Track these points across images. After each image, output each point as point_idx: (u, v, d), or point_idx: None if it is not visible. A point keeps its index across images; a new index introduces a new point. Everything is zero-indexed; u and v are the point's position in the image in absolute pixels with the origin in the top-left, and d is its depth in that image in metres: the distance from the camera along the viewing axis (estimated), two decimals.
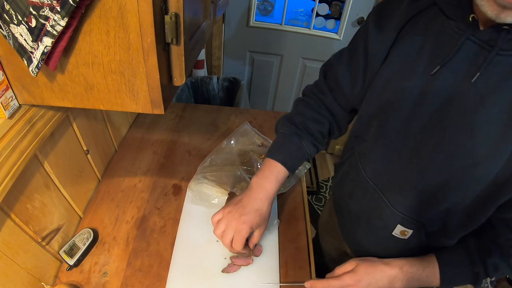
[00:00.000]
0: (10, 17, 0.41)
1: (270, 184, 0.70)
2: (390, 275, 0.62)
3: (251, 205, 0.68)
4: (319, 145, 0.76)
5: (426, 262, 0.63)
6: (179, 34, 0.49)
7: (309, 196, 2.15)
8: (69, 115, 0.75)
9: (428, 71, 0.51)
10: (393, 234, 0.66)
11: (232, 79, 1.81)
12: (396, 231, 0.65)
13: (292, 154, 0.73)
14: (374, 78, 0.61)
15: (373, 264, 0.65)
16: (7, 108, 0.53)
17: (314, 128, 0.74)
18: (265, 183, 0.70)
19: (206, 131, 1.17)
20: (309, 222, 0.90)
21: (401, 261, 0.64)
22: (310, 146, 0.74)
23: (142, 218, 0.85)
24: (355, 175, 0.71)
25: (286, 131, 0.75)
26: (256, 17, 1.97)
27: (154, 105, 0.53)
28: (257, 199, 0.69)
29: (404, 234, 0.65)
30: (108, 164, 1.00)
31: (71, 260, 0.72)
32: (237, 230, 0.66)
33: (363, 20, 1.82)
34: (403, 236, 0.65)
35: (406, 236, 0.65)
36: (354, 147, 0.72)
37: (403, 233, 0.65)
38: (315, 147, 0.75)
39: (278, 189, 0.71)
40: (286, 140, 0.74)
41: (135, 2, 0.42)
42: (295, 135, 0.74)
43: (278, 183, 0.71)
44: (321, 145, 0.77)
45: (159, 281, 0.72)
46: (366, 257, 0.67)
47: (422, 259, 0.64)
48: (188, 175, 0.98)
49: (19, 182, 0.60)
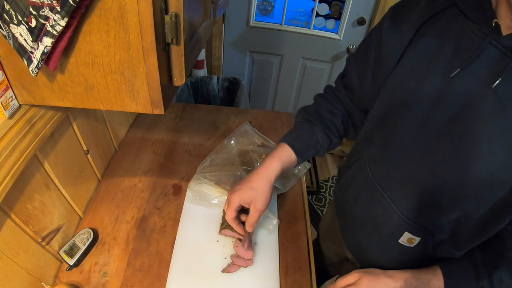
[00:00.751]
0: (10, 17, 0.41)
1: (272, 161, 0.70)
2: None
3: (246, 179, 0.71)
4: (332, 135, 0.75)
5: (431, 275, 0.61)
6: (179, 34, 0.49)
7: (309, 196, 2.15)
8: (69, 115, 0.75)
9: (446, 73, 0.49)
10: (399, 241, 0.63)
11: (232, 79, 1.80)
12: (403, 239, 0.63)
13: (301, 139, 0.73)
14: (387, 78, 0.59)
15: (377, 277, 0.63)
16: (7, 108, 0.53)
17: (327, 117, 0.74)
18: (267, 160, 0.71)
19: (206, 131, 1.17)
20: (309, 222, 0.90)
21: (405, 274, 0.62)
22: (321, 134, 0.74)
23: (142, 218, 0.85)
24: (362, 179, 0.69)
25: (300, 119, 0.77)
26: (256, 17, 1.97)
27: (154, 105, 0.53)
28: (253, 174, 0.71)
29: (411, 242, 0.62)
30: (108, 164, 1.00)
31: (71, 260, 0.72)
32: (229, 200, 0.71)
33: (363, 20, 1.82)
34: (409, 244, 0.62)
35: (413, 244, 0.62)
36: (363, 150, 0.69)
37: (410, 241, 0.62)
38: (328, 137, 0.75)
39: (280, 167, 0.71)
40: (298, 127, 0.76)
41: (135, 2, 0.42)
42: (307, 122, 0.75)
43: (280, 161, 0.70)
44: (334, 137, 0.76)
45: (159, 281, 0.72)
46: (370, 269, 0.66)
47: (427, 271, 0.62)
48: (188, 175, 0.98)
49: (19, 182, 0.60)
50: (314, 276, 0.78)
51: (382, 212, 0.64)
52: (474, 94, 0.47)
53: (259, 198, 0.69)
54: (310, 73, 2.14)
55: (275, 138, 1.11)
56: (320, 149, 0.75)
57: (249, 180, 0.70)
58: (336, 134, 0.76)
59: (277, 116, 1.28)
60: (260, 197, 0.69)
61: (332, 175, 2.33)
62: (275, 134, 1.17)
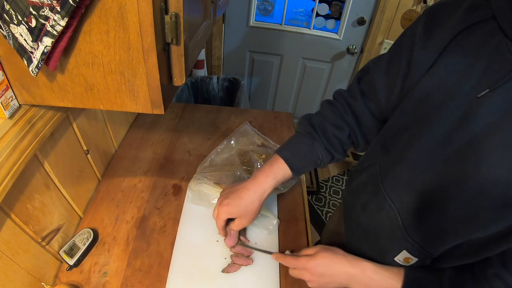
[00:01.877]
0: (10, 17, 0.41)
1: (265, 179, 0.69)
2: (349, 273, 0.61)
3: (237, 193, 0.69)
4: (334, 152, 0.71)
5: (392, 274, 0.60)
6: (179, 34, 0.49)
7: (309, 196, 2.15)
8: (69, 115, 0.75)
9: (474, 92, 0.46)
10: (395, 259, 0.61)
11: (232, 79, 1.80)
12: (399, 257, 0.60)
13: (300, 155, 0.70)
14: (414, 87, 0.55)
15: (335, 255, 0.63)
16: (7, 108, 0.53)
17: (332, 132, 0.70)
18: (260, 177, 0.69)
19: (206, 131, 1.17)
20: (309, 222, 0.90)
21: (366, 264, 0.61)
22: (322, 151, 0.70)
23: (142, 218, 0.85)
24: (372, 188, 0.65)
25: (301, 130, 0.72)
26: (256, 17, 1.97)
27: (154, 105, 0.53)
28: (244, 189, 0.69)
29: (407, 261, 0.60)
30: (108, 164, 1.00)
31: (71, 260, 0.72)
32: (218, 212, 0.71)
33: (363, 20, 1.82)
34: (405, 263, 0.61)
35: (409, 263, 0.60)
36: (376, 157, 0.65)
37: (406, 260, 0.60)
38: (329, 153, 0.71)
39: (274, 185, 0.69)
40: (298, 140, 0.72)
41: (135, 2, 0.42)
42: (308, 136, 0.70)
43: (274, 179, 0.69)
44: (337, 152, 0.72)
45: (159, 281, 0.72)
46: (333, 247, 0.65)
47: (390, 269, 0.61)
48: (188, 175, 0.98)
49: (19, 182, 0.60)
50: None
51: (387, 225, 0.61)
52: (502, 117, 0.44)
53: (246, 216, 0.70)
54: (310, 73, 2.14)
55: (275, 138, 1.11)
56: (320, 164, 0.72)
57: (240, 196, 0.69)
58: (340, 150, 0.72)
59: (277, 116, 1.28)
60: (247, 215, 0.70)
61: (332, 175, 2.33)
62: (275, 134, 1.17)
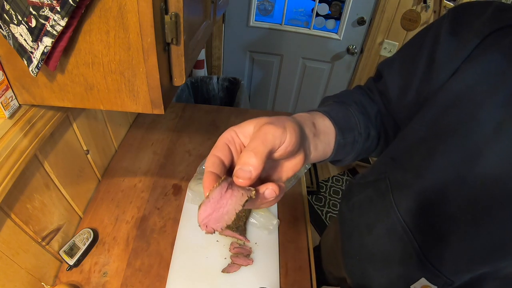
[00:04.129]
0: (10, 17, 0.41)
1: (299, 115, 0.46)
2: None
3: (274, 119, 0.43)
4: (370, 124, 0.57)
5: None
6: (179, 34, 0.49)
7: (309, 196, 2.15)
8: (69, 115, 0.75)
9: (509, 103, 0.40)
10: (411, 287, 0.54)
11: (232, 79, 1.81)
12: (417, 285, 0.53)
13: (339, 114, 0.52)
14: (435, 93, 0.48)
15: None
16: (7, 108, 0.53)
17: (363, 102, 0.59)
18: None
19: (206, 131, 1.17)
20: (309, 222, 0.90)
21: None
22: (358, 115, 0.55)
23: (142, 218, 0.85)
24: (381, 207, 0.57)
25: (330, 101, 0.59)
26: (256, 17, 1.97)
27: (154, 105, 0.53)
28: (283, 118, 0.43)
29: None
30: (108, 164, 1.00)
31: (71, 260, 0.72)
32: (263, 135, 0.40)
33: (363, 20, 1.82)
34: None
35: None
36: (386, 171, 0.58)
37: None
38: (366, 123, 0.56)
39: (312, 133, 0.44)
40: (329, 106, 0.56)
41: (135, 2, 0.42)
42: (339, 103, 0.57)
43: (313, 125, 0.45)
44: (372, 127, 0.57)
45: (159, 281, 0.72)
46: None
47: None
48: (188, 175, 0.98)
49: (19, 182, 0.60)
50: (314, 276, 0.78)
51: (401, 250, 0.54)
52: None
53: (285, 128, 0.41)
54: (310, 73, 2.14)
55: None
56: (359, 138, 0.53)
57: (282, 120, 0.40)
58: (374, 125, 0.57)
59: None
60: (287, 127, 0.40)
61: (332, 175, 2.33)
62: None
